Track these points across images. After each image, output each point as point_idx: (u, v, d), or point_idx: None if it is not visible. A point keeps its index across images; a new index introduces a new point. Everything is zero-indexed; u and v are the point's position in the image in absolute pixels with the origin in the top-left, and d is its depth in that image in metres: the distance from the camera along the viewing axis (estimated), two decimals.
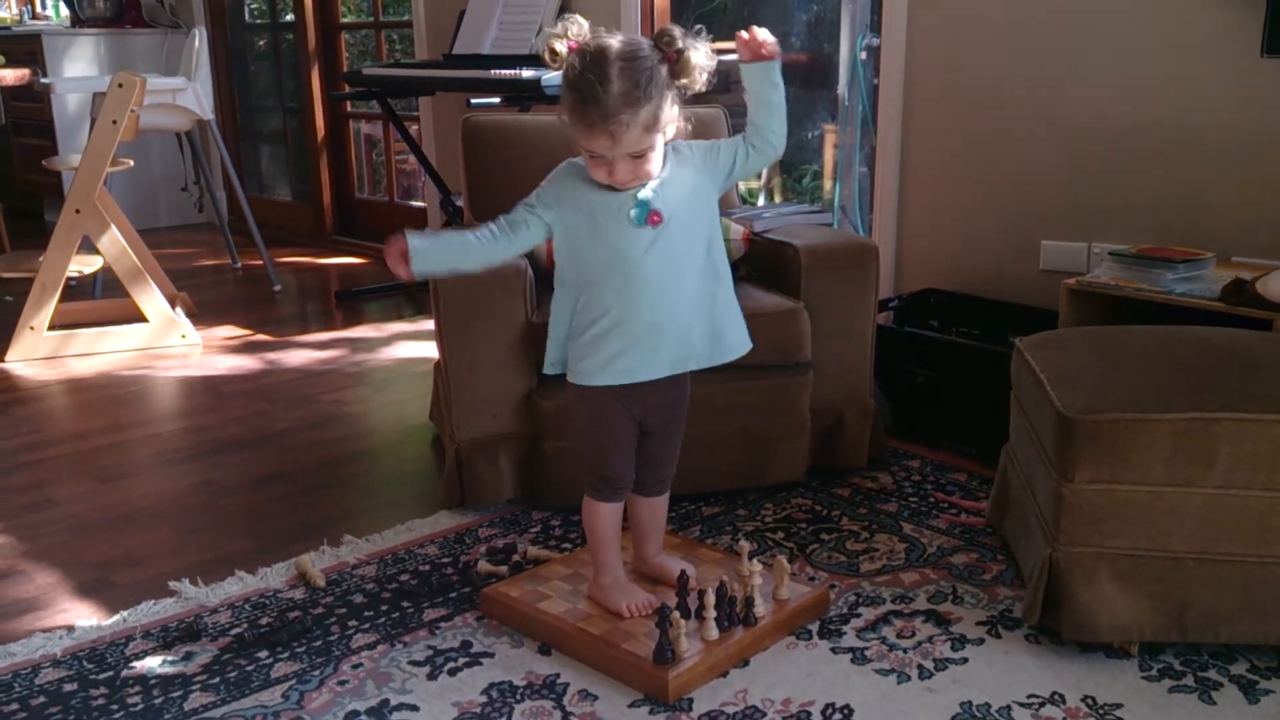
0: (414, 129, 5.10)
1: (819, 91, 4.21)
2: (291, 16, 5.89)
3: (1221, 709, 1.76)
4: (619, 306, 1.81)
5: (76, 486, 2.75)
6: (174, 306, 4.01)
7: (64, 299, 3.90)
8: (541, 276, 2.39)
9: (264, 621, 2.06)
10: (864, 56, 3.72)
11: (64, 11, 6.74)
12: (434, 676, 1.88)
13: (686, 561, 2.10)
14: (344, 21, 5.81)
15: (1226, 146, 2.73)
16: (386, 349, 3.93)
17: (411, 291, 4.69)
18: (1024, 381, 2.12)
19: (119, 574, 2.28)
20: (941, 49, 3.23)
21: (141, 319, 3.91)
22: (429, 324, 3.94)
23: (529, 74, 3.70)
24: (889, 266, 3.45)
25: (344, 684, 1.86)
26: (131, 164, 4.30)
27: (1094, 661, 1.88)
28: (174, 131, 5.15)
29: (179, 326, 3.93)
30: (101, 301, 4.23)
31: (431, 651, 1.95)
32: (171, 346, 3.91)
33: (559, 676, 1.87)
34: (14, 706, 1.82)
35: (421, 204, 5.55)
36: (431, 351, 3.44)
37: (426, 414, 3.11)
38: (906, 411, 2.89)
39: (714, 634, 1.88)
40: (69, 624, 2.08)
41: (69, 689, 1.87)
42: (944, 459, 2.77)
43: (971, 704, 1.78)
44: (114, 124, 3.79)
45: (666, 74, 1.72)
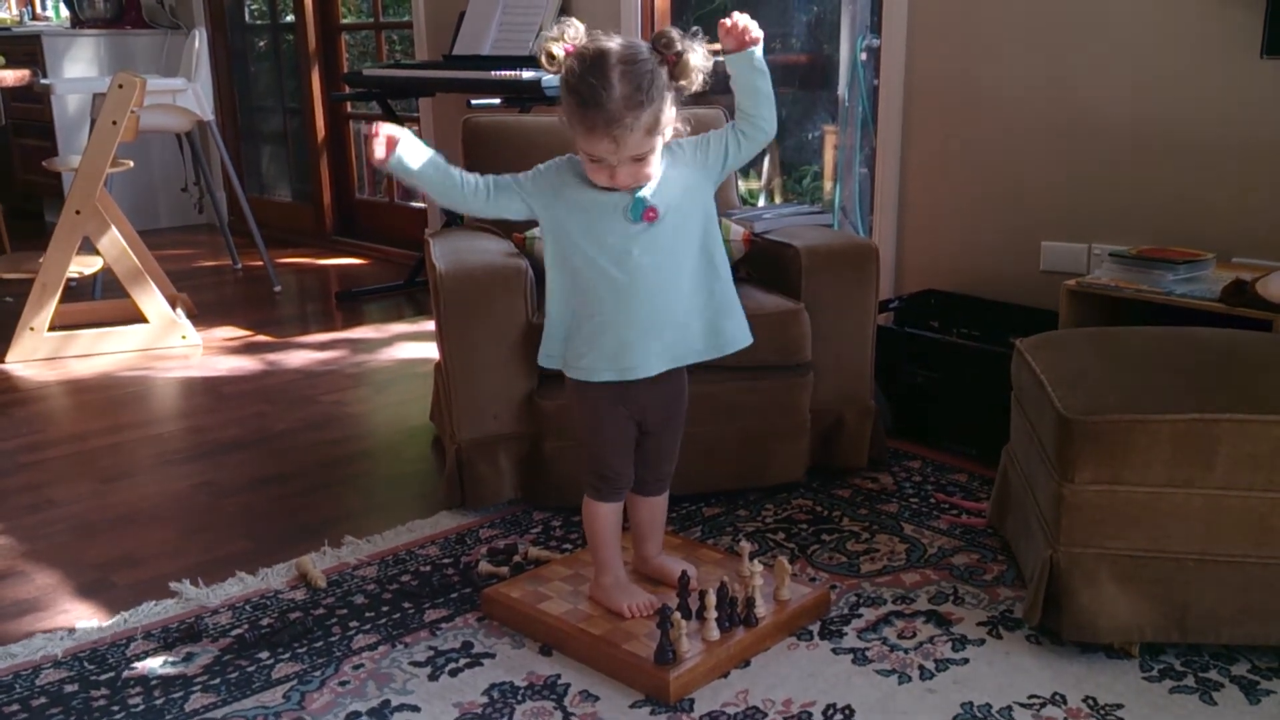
0: (414, 130, 5.09)
1: (819, 92, 4.20)
2: (291, 17, 5.89)
3: (1222, 709, 1.76)
4: (615, 303, 1.81)
5: (77, 487, 2.75)
6: (174, 307, 4.01)
7: (64, 300, 3.89)
8: (542, 277, 2.38)
9: (265, 622, 2.06)
10: (864, 57, 3.73)
11: (64, 12, 6.74)
12: (435, 677, 1.88)
13: (687, 562, 2.10)
14: (344, 22, 5.81)
15: (1227, 147, 2.73)
16: (387, 350, 3.93)
17: (412, 292, 4.70)
18: (1024, 382, 2.12)
19: (119, 575, 2.28)
20: (941, 49, 3.23)
21: (142, 320, 3.91)
22: (429, 324, 3.95)
23: (529, 75, 3.71)
24: (889, 267, 3.45)
25: (345, 685, 1.86)
26: (131, 165, 4.30)
27: (1095, 662, 1.88)
28: (174, 132, 5.15)
29: (179, 327, 3.93)
30: (102, 302, 4.23)
31: (433, 652, 1.95)
32: (172, 347, 3.91)
33: (560, 677, 1.87)
34: (15, 707, 1.82)
35: (421, 205, 5.55)
36: (432, 352, 3.45)
37: (427, 415, 3.11)
38: (907, 412, 2.89)
39: (715, 634, 1.88)
40: (70, 625, 2.08)
41: (70, 690, 1.87)
42: (944, 460, 2.77)
43: (973, 705, 1.78)
44: (114, 125, 3.79)
45: (666, 76, 1.72)
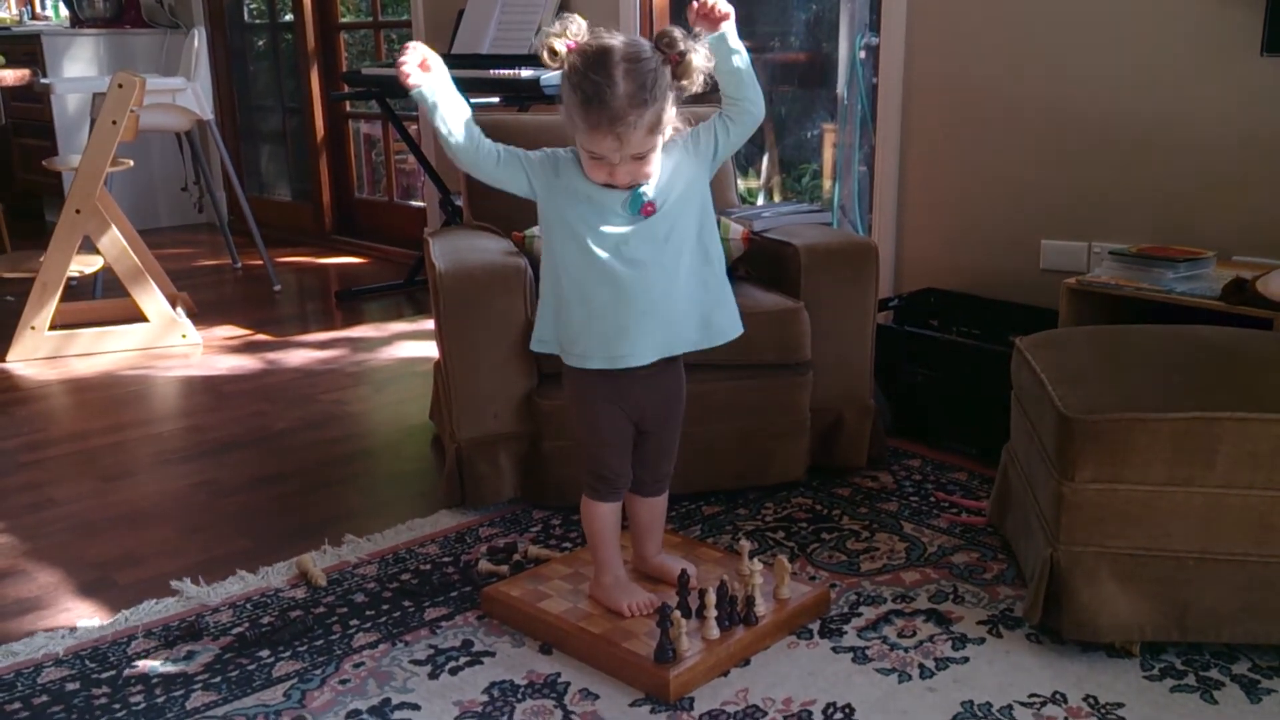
0: (413, 129, 5.09)
1: (818, 91, 4.20)
2: (291, 17, 5.89)
3: (1223, 708, 1.76)
4: (610, 292, 1.80)
5: (78, 486, 2.75)
6: (174, 306, 4.01)
7: (64, 299, 3.90)
8: None
9: (265, 621, 2.07)
10: (863, 56, 3.73)
11: (64, 12, 6.74)
12: (435, 675, 1.88)
13: (687, 561, 2.10)
14: (343, 21, 5.81)
15: (1227, 145, 2.73)
16: (386, 349, 3.93)
17: (411, 291, 4.70)
18: (1024, 381, 2.12)
19: (120, 573, 2.29)
20: (941, 49, 3.23)
21: (142, 319, 3.91)
22: (429, 324, 3.95)
23: (528, 74, 3.70)
24: (889, 266, 3.45)
25: (345, 683, 1.87)
26: (131, 164, 4.30)
27: (1095, 661, 1.88)
28: (174, 131, 5.15)
29: (179, 326, 3.93)
30: (102, 301, 4.23)
31: (433, 650, 1.96)
32: (172, 346, 3.91)
33: (560, 676, 1.87)
34: (16, 705, 1.82)
35: (421, 204, 5.55)
36: (431, 351, 3.45)
37: (427, 414, 3.11)
38: (906, 411, 2.89)
39: (715, 633, 1.88)
40: (71, 623, 2.08)
41: (71, 688, 1.87)
42: (944, 458, 2.77)
43: (973, 703, 1.78)
44: (114, 124, 3.79)
45: (669, 76, 1.72)
